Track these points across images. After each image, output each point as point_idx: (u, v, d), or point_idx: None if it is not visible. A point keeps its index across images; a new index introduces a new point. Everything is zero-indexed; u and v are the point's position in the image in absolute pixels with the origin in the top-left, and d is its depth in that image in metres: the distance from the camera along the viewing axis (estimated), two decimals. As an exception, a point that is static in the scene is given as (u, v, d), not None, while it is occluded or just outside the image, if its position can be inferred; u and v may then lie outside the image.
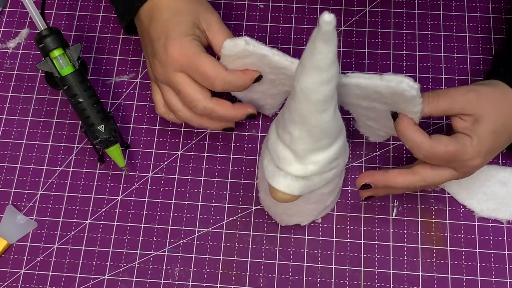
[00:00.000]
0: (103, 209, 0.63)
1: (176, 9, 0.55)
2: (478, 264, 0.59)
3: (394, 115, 0.52)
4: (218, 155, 0.64)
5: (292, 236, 0.61)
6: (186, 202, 0.63)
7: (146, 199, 0.63)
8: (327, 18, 0.40)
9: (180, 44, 0.54)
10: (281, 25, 0.70)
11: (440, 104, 0.52)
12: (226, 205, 0.63)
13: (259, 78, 0.55)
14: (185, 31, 0.54)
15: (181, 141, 0.65)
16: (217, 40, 0.55)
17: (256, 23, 0.70)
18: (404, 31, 0.69)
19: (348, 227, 0.61)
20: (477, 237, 0.60)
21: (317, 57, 0.43)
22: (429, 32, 0.69)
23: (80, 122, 0.62)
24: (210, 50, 0.56)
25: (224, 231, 0.62)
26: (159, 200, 0.63)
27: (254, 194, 0.63)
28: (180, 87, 0.55)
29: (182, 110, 0.57)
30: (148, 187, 0.64)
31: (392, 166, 0.63)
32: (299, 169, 0.50)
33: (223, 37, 0.55)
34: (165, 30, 0.54)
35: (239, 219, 0.62)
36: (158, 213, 0.63)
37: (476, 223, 0.61)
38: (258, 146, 0.65)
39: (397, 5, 0.70)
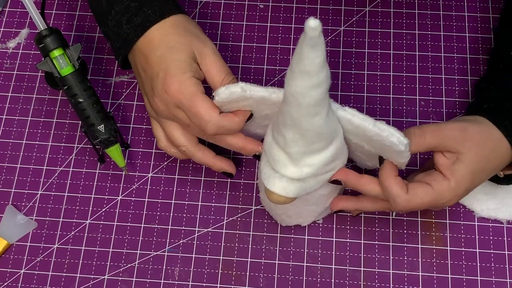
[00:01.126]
0: (103, 209, 0.63)
1: (171, 43, 0.54)
2: (478, 264, 0.59)
3: (381, 160, 0.52)
4: (218, 155, 0.64)
5: (292, 236, 0.61)
6: (186, 202, 0.63)
7: (146, 199, 0.63)
8: (313, 24, 0.40)
9: (179, 82, 0.52)
10: (281, 25, 0.70)
11: (427, 142, 0.52)
12: (226, 205, 0.63)
13: (250, 117, 0.54)
14: (183, 68, 0.53)
15: (181, 141, 0.65)
16: (211, 74, 0.54)
17: (256, 23, 0.70)
18: (404, 31, 0.69)
19: (348, 227, 0.61)
20: (477, 237, 0.60)
21: (305, 62, 0.43)
22: (429, 32, 0.69)
23: (80, 122, 0.62)
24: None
25: (224, 231, 0.62)
26: (159, 200, 0.63)
27: (254, 194, 0.63)
28: (188, 121, 0.54)
29: (185, 145, 0.56)
30: (148, 187, 0.64)
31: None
32: (294, 171, 0.50)
33: (216, 71, 0.54)
34: (163, 66, 0.53)
35: (239, 219, 0.62)
36: (158, 213, 0.63)
37: (476, 223, 0.61)
38: (258, 146, 0.65)
39: (397, 5, 0.70)
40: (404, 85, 0.66)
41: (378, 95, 0.66)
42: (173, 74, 0.53)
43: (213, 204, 0.63)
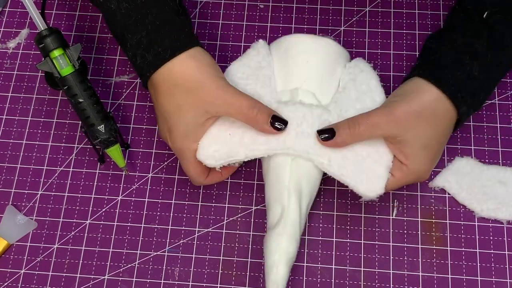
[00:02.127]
0: (103, 209, 0.63)
1: (177, 100, 0.55)
2: (478, 264, 0.59)
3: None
4: (218, 155, 0.64)
5: (292, 236, 0.61)
6: (186, 202, 0.63)
7: (146, 199, 0.63)
8: None
9: (180, 144, 0.56)
10: (281, 25, 0.70)
11: (362, 131, 0.54)
12: (226, 205, 0.63)
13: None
14: (185, 132, 0.56)
15: (181, 141, 0.65)
16: (235, 115, 0.56)
17: (256, 23, 0.70)
18: (404, 31, 0.69)
19: (348, 227, 0.61)
20: (477, 237, 0.60)
21: None
22: (429, 32, 0.69)
23: (80, 122, 0.62)
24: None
25: (224, 231, 0.62)
26: (159, 200, 0.63)
27: (254, 194, 0.63)
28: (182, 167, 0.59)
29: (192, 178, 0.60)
30: (148, 187, 0.64)
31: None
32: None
33: (238, 113, 0.55)
34: (170, 124, 0.56)
35: (239, 219, 0.62)
36: (158, 213, 0.63)
37: (476, 223, 0.61)
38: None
39: (397, 5, 0.70)
40: (404, 85, 0.66)
41: (378, 95, 0.66)
42: (174, 136, 0.56)
43: (213, 204, 0.63)
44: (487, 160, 0.63)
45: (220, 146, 0.56)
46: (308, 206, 0.57)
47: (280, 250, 0.54)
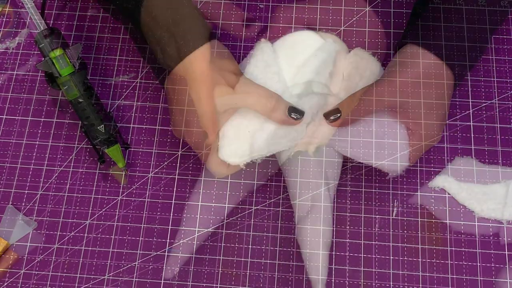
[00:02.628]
0: (103, 209, 0.63)
1: (193, 94, 0.56)
2: (478, 264, 0.59)
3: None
4: (218, 155, 0.64)
5: (292, 236, 0.61)
6: (186, 202, 0.63)
7: (146, 199, 0.63)
8: None
9: (198, 134, 0.57)
10: (281, 25, 0.70)
11: (365, 105, 0.56)
12: (226, 205, 0.63)
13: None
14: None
15: (181, 140, 0.65)
16: (256, 108, 0.57)
17: (256, 23, 0.70)
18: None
19: (348, 227, 0.61)
20: (477, 237, 0.60)
21: None
22: (429, 32, 0.69)
23: (80, 122, 0.62)
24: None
25: (224, 231, 0.62)
26: (159, 200, 0.63)
27: (254, 194, 0.63)
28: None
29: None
30: (148, 187, 0.64)
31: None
32: None
33: (259, 107, 0.56)
34: (188, 115, 0.56)
35: (239, 219, 0.62)
36: (158, 213, 0.63)
37: (476, 223, 0.61)
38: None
39: (397, 5, 0.70)
40: (404, 85, 0.67)
41: (378, 95, 0.66)
42: (191, 127, 0.56)
43: (213, 204, 0.63)
44: (487, 160, 0.63)
45: (241, 143, 0.57)
46: (334, 190, 0.59)
47: (317, 235, 0.55)
